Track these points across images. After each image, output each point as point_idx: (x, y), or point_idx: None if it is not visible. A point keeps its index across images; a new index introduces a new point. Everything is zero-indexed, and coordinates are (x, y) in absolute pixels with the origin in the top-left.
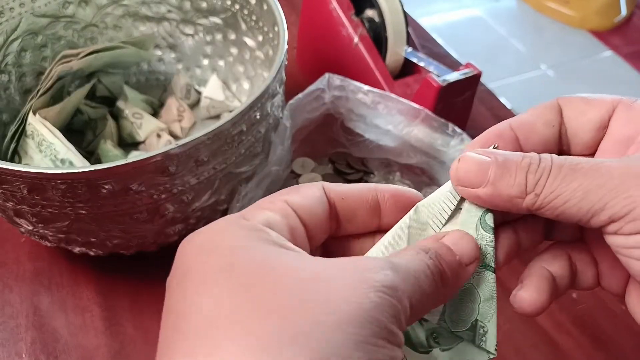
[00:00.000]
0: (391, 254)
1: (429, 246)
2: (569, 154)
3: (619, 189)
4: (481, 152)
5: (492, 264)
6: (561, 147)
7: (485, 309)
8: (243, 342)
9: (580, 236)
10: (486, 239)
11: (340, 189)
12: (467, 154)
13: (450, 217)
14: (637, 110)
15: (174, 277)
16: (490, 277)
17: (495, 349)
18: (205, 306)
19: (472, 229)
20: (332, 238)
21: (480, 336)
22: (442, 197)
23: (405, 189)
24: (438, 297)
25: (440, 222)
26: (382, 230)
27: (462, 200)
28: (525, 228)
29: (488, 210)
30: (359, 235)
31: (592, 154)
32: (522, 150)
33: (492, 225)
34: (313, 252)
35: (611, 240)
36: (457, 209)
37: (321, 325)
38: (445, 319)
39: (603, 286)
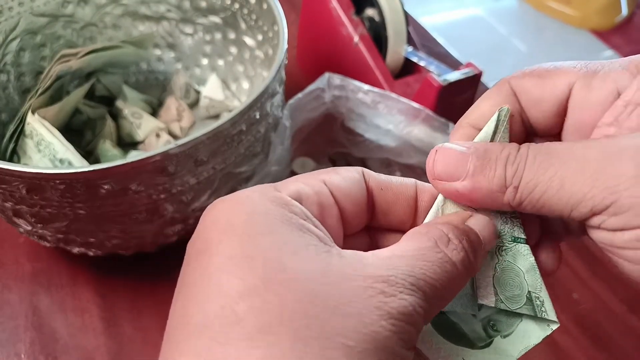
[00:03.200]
0: (419, 244)
1: (460, 232)
2: (535, 141)
3: (597, 178)
4: (460, 143)
5: (522, 235)
6: (527, 134)
7: (532, 280)
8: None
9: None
10: (509, 211)
11: (380, 179)
12: (445, 145)
13: None
14: (595, 89)
15: (194, 245)
16: (523, 249)
17: (557, 318)
18: (216, 300)
19: None
20: (370, 228)
21: (538, 307)
22: None
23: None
24: (459, 287)
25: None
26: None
27: None
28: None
29: None
30: (395, 230)
31: (558, 137)
32: None
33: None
34: (349, 239)
35: (596, 235)
36: None
37: (330, 356)
38: (502, 298)
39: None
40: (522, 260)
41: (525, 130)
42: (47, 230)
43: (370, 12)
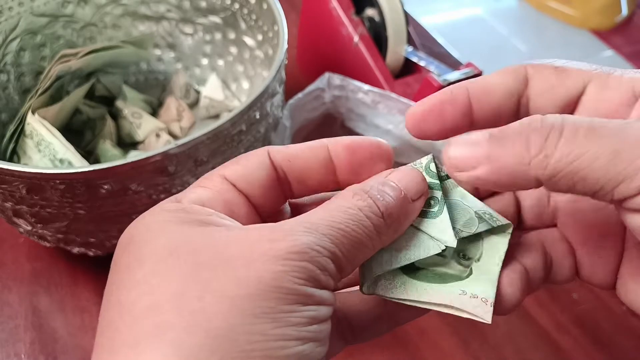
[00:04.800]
0: (323, 204)
1: (370, 185)
2: None
3: None
4: (471, 133)
5: (442, 173)
6: (517, 118)
7: (471, 202)
8: (144, 335)
9: (552, 222)
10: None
11: (287, 151)
12: (459, 137)
13: None
14: (611, 89)
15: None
16: (449, 184)
17: (506, 220)
18: (112, 300)
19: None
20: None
21: (490, 220)
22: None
23: (359, 139)
24: (383, 237)
25: None
26: (341, 188)
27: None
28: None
29: (432, 160)
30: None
31: None
32: (471, 118)
33: (435, 170)
34: (266, 220)
35: (634, 220)
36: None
37: (221, 308)
38: (459, 228)
39: (582, 277)
40: (453, 193)
41: (514, 117)
42: (47, 230)
43: (370, 12)
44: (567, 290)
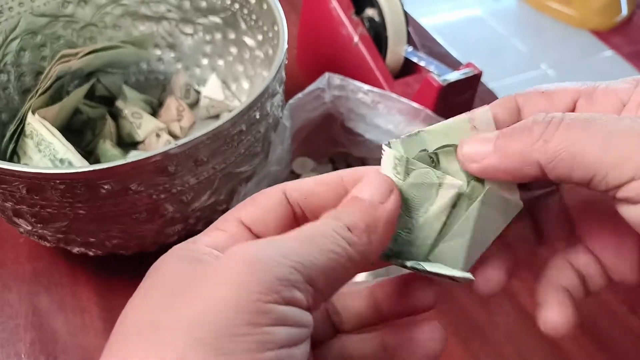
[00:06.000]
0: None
1: (335, 214)
2: None
3: None
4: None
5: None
6: None
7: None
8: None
9: (571, 234)
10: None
11: (303, 188)
12: (470, 137)
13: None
14: (598, 102)
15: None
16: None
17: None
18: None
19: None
20: None
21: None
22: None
23: (372, 171)
24: (361, 249)
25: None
26: None
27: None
28: (516, 237)
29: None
30: None
31: None
32: None
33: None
34: None
35: (629, 211)
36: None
37: (176, 337)
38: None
39: (617, 280)
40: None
41: None
42: (47, 230)
43: (370, 12)
44: None
